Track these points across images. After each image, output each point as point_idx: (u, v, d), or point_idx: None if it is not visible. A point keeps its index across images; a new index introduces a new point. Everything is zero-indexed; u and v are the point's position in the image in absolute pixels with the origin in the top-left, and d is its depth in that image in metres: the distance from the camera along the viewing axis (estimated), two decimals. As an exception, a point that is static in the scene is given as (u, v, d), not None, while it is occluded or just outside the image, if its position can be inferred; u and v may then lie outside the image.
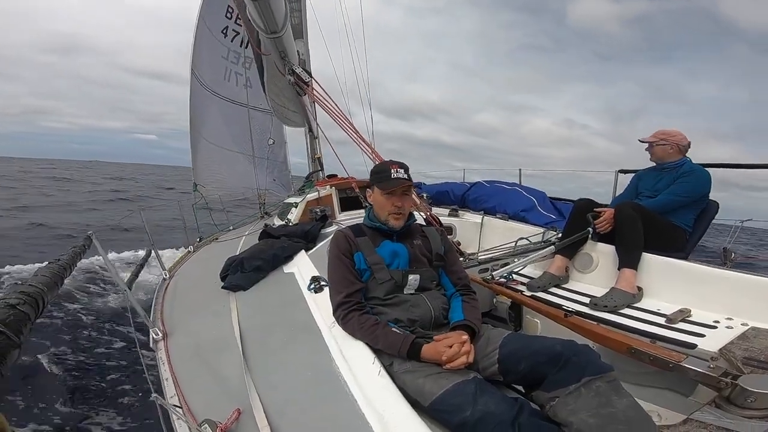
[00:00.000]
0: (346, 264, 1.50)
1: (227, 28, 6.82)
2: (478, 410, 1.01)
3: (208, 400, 1.37)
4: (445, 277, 1.62)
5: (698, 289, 2.04)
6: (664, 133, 2.52)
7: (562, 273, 2.49)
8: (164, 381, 1.57)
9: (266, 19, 2.66)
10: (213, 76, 6.90)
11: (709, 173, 2.43)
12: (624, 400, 1.00)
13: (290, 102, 4.41)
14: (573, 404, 1.01)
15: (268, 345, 1.66)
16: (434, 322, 1.45)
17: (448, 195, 4.44)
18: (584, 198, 2.66)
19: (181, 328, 2.06)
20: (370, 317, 1.38)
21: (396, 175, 1.54)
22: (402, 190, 1.56)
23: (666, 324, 1.86)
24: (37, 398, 3.37)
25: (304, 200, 4.04)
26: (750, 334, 1.66)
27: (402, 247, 1.56)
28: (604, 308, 2.04)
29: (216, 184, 6.95)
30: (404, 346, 1.25)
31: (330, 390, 1.19)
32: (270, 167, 7.46)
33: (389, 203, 1.55)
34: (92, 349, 4.33)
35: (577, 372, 1.05)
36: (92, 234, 2.22)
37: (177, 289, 2.87)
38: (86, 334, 4.63)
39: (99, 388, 3.64)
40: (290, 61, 3.43)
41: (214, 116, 7.06)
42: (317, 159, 5.82)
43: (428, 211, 2.92)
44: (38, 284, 1.13)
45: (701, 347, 1.60)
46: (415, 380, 1.19)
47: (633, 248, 2.25)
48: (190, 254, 4.18)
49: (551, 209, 3.59)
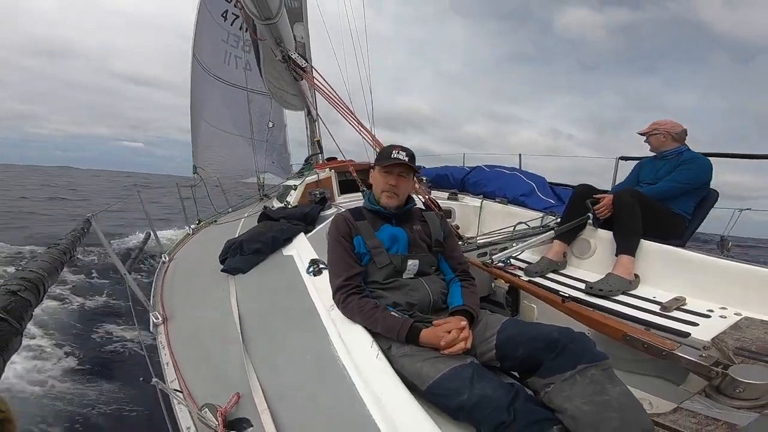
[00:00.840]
0: (345, 247, 1.50)
1: (227, 11, 6.77)
2: (475, 394, 1.03)
3: (208, 384, 1.39)
4: (444, 263, 1.62)
5: (694, 278, 2.05)
6: (656, 123, 2.56)
7: (560, 258, 2.50)
8: (164, 365, 1.59)
9: (259, 6, 2.61)
10: (213, 59, 6.89)
11: (710, 161, 2.42)
12: (617, 388, 1.02)
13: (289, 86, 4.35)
14: (568, 391, 1.03)
15: (267, 328, 1.67)
16: (433, 306, 1.46)
17: (448, 179, 4.43)
18: (584, 183, 2.65)
19: (181, 312, 2.08)
20: (370, 301, 1.39)
21: (396, 155, 1.54)
22: (399, 171, 1.56)
23: (661, 312, 1.87)
24: (36, 383, 3.40)
25: (304, 183, 4.03)
26: (742, 324, 1.67)
27: (401, 232, 1.56)
28: (600, 292, 2.05)
29: (215, 167, 6.94)
30: (403, 330, 1.26)
31: (328, 373, 1.21)
32: (269, 150, 7.42)
33: (384, 181, 1.56)
34: (92, 333, 4.36)
35: (572, 359, 1.06)
36: (91, 217, 2.21)
37: (176, 273, 2.88)
38: (86, 318, 4.66)
39: (99, 372, 3.68)
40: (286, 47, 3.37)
41: (214, 99, 7.05)
42: (316, 142, 5.77)
43: (427, 194, 2.91)
44: (38, 269, 1.14)
45: (694, 336, 1.61)
46: (413, 364, 1.20)
47: (631, 235, 2.25)
48: (189, 237, 4.18)
49: (550, 194, 3.59)
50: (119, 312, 4.85)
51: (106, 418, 3.09)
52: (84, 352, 3.97)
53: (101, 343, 4.20)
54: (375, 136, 3.27)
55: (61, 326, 4.40)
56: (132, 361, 3.82)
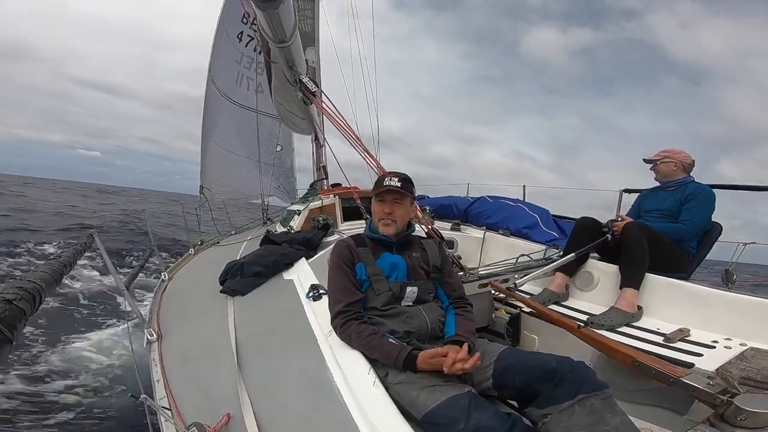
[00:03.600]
0: (346, 273, 1.51)
1: (242, 33, 6.87)
2: (471, 424, 1.00)
3: (198, 404, 1.36)
4: (440, 289, 1.62)
5: (698, 309, 2.03)
6: (668, 151, 2.54)
7: (562, 290, 2.48)
8: (155, 382, 1.56)
9: (275, 28, 2.68)
10: (226, 80, 6.96)
11: (714, 193, 2.42)
12: (618, 418, 0.99)
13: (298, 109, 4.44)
14: (566, 421, 1.00)
15: (263, 351, 1.65)
16: (430, 334, 1.44)
17: (452, 209, 4.44)
18: (586, 216, 2.65)
19: (177, 331, 2.06)
20: (368, 327, 1.38)
21: (388, 183, 1.56)
22: (393, 198, 1.57)
23: (664, 343, 1.86)
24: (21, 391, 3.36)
25: (307, 208, 4.05)
26: (748, 354, 1.66)
27: (401, 259, 1.57)
28: (601, 327, 2.03)
29: (221, 188, 6.98)
30: (400, 357, 1.25)
31: (323, 398, 1.18)
32: (276, 173, 7.48)
33: (380, 209, 1.57)
34: (86, 347, 4.33)
35: (572, 389, 1.04)
36: (94, 232, 2.23)
37: (175, 291, 2.86)
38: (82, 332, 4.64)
39: (90, 386, 3.63)
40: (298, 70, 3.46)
41: (225, 120, 7.10)
42: (322, 167, 5.83)
43: (430, 224, 2.91)
44: (36, 280, 1.14)
45: (698, 366, 1.60)
46: (409, 392, 1.18)
47: (638, 268, 2.24)
48: (191, 257, 4.18)
49: (554, 227, 3.58)
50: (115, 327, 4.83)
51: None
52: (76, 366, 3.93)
53: (94, 358, 4.15)
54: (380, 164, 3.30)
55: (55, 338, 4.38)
56: (123, 377, 3.77)
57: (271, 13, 2.48)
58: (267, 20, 2.58)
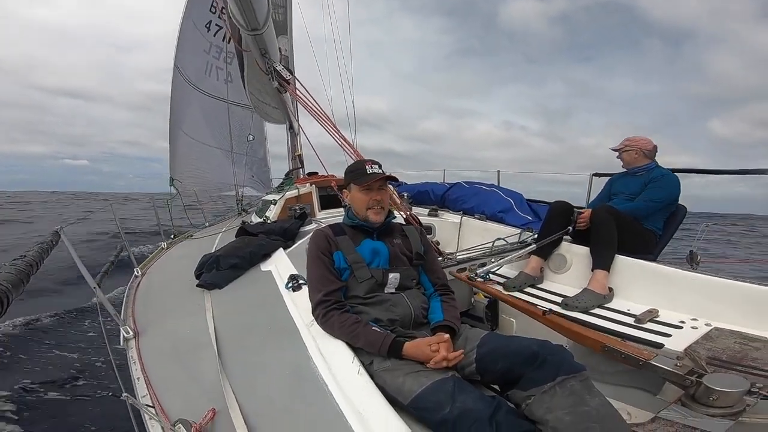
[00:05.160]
0: (325, 263, 1.50)
1: (210, 22, 6.71)
2: (457, 407, 1.02)
3: (181, 400, 1.34)
4: (424, 276, 1.64)
5: (666, 290, 2.11)
6: (629, 139, 2.64)
7: (537, 273, 2.54)
8: (135, 380, 1.52)
9: (247, 16, 2.60)
10: (195, 70, 6.78)
11: (677, 178, 2.52)
12: (596, 399, 1.03)
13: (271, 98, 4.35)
14: (549, 402, 1.03)
15: (244, 344, 1.63)
16: (414, 321, 1.46)
17: (428, 195, 4.47)
18: (559, 200, 2.72)
19: (154, 327, 2.01)
20: (351, 316, 1.38)
21: (371, 170, 1.56)
22: (378, 185, 1.57)
23: (635, 324, 1.92)
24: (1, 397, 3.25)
25: (283, 198, 3.99)
26: (713, 335, 1.73)
27: (382, 246, 1.57)
28: (575, 308, 2.10)
29: (193, 179, 6.79)
30: (385, 344, 1.26)
31: (309, 389, 1.18)
32: (249, 163, 7.35)
33: (367, 198, 1.56)
34: (60, 348, 4.19)
35: (552, 371, 1.07)
36: (60, 229, 2.13)
37: (149, 287, 2.79)
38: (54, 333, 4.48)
39: (68, 387, 3.52)
40: (271, 58, 3.38)
41: (194, 110, 6.93)
42: (297, 156, 5.75)
43: (408, 210, 2.93)
44: (2, 281, 1.08)
45: (668, 347, 1.66)
46: (395, 378, 1.19)
47: (607, 250, 2.32)
48: (164, 251, 4.06)
49: (528, 211, 3.66)
50: (89, 327, 4.67)
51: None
52: (51, 368, 3.80)
53: (69, 358, 4.02)
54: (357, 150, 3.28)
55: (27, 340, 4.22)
56: (102, 377, 3.66)
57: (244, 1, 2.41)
58: (239, 7, 2.50)
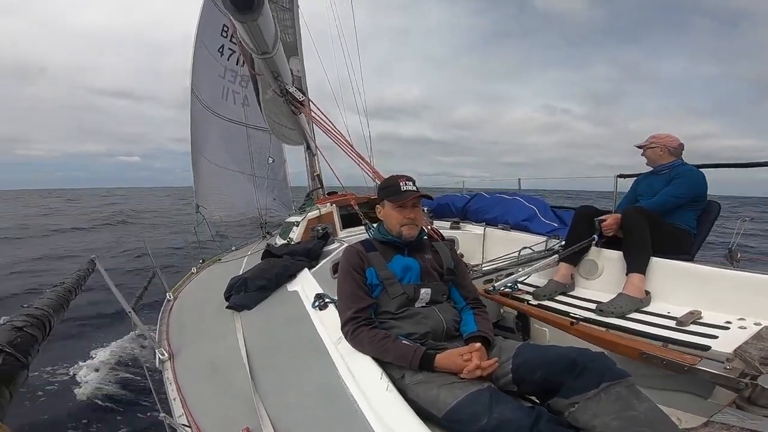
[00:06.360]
0: (356, 279, 1.50)
1: (223, 46, 6.79)
2: (494, 418, 1.00)
3: (216, 420, 1.35)
4: (455, 291, 1.63)
5: (707, 291, 2.02)
6: (654, 136, 2.57)
7: (567, 280, 2.48)
8: (172, 401, 1.55)
9: (256, 40, 2.66)
10: (211, 95, 6.86)
11: (702, 173, 2.44)
12: (645, 404, 0.99)
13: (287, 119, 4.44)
14: (594, 408, 1.00)
15: (274, 363, 1.64)
16: (446, 333, 1.45)
17: (449, 207, 4.45)
18: (585, 205, 2.66)
19: (187, 349, 2.04)
20: (380, 331, 1.37)
21: (406, 188, 1.57)
22: (413, 202, 1.58)
23: (677, 327, 1.84)
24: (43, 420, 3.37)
25: (305, 219, 4.04)
26: (765, 334, 1.64)
27: (414, 262, 1.58)
28: (612, 314, 2.03)
29: (217, 205, 6.92)
30: (416, 357, 1.24)
31: (338, 407, 1.17)
32: (270, 186, 7.44)
33: (401, 215, 1.57)
34: (99, 371, 4.32)
35: (595, 378, 1.04)
36: (95, 258, 2.21)
37: (182, 310, 2.85)
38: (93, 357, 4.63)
39: (106, 409, 3.63)
40: (283, 81, 3.45)
41: (214, 136, 7.01)
42: (317, 176, 5.82)
43: (429, 224, 2.92)
44: (44, 306, 1.12)
45: (715, 348, 1.58)
46: (428, 391, 1.17)
47: (641, 252, 2.24)
48: (193, 275, 4.16)
49: (553, 218, 3.60)
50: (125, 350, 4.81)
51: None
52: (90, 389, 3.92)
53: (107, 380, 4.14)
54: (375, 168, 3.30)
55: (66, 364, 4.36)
56: (139, 398, 3.76)
57: (251, 25, 2.46)
58: (248, 32, 2.56)
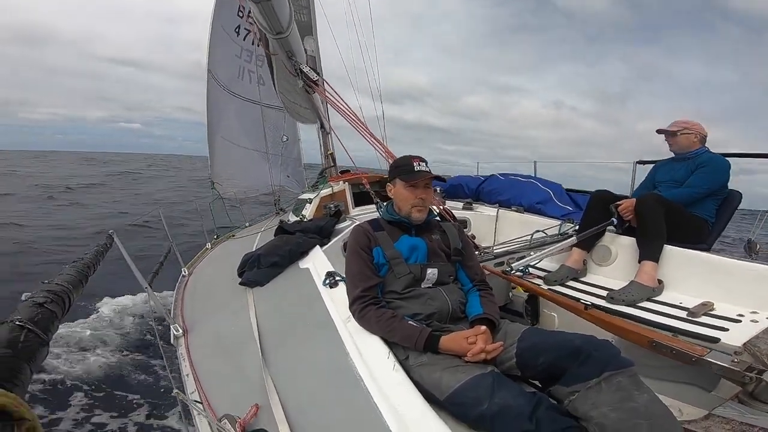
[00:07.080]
0: (364, 258, 1.52)
1: (239, 26, 6.85)
2: (496, 403, 1.01)
3: (227, 396, 1.40)
4: (462, 272, 1.62)
5: (722, 282, 1.99)
6: (686, 122, 2.48)
7: (579, 266, 2.46)
8: (185, 377, 1.60)
9: (270, 20, 2.64)
10: (228, 74, 6.96)
11: (727, 162, 2.37)
12: (645, 395, 0.99)
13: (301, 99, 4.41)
14: (594, 398, 1.00)
15: (285, 340, 1.68)
16: (451, 315, 1.45)
17: (462, 188, 4.40)
18: (601, 189, 2.61)
19: (201, 325, 2.10)
20: (387, 311, 1.39)
21: (419, 168, 1.56)
22: (425, 183, 1.58)
23: (688, 318, 1.82)
24: (59, 393, 3.51)
25: (318, 196, 4.05)
26: None
27: (420, 241, 1.57)
28: (622, 302, 2.01)
29: (232, 182, 7.02)
30: (421, 339, 1.26)
31: (345, 385, 1.20)
32: (284, 164, 7.51)
33: (413, 195, 1.57)
34: (114, 345, 4.47)
35: (598, 367, 1.04)
36: (113, 233, 2.27)
37: (196, 286, 2.91)
38: (109, 332, 4.76)
39: (121, 383, 3.76)
40: (297, 60, 3.42)
41: (229, 114, 7.12)
42: (330, 155, 5.82)
43: (442, 204, 2.90)
44: (64, 282, 1.17)
45: (725, 341, 1.56)
46: (432, 373, 1.19)
47: (655, 240, 2.20)
48: (208, 251, 4.24)
49: (568, 201, 3.54)
50: (141, 325, 4.96)
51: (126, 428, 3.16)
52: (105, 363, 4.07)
53: (122, 354, 4.28)
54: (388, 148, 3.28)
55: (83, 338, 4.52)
56: (153, 373, 3.89)
57: (265, 5, 2.44)
58: (262, 12, 2.54)
